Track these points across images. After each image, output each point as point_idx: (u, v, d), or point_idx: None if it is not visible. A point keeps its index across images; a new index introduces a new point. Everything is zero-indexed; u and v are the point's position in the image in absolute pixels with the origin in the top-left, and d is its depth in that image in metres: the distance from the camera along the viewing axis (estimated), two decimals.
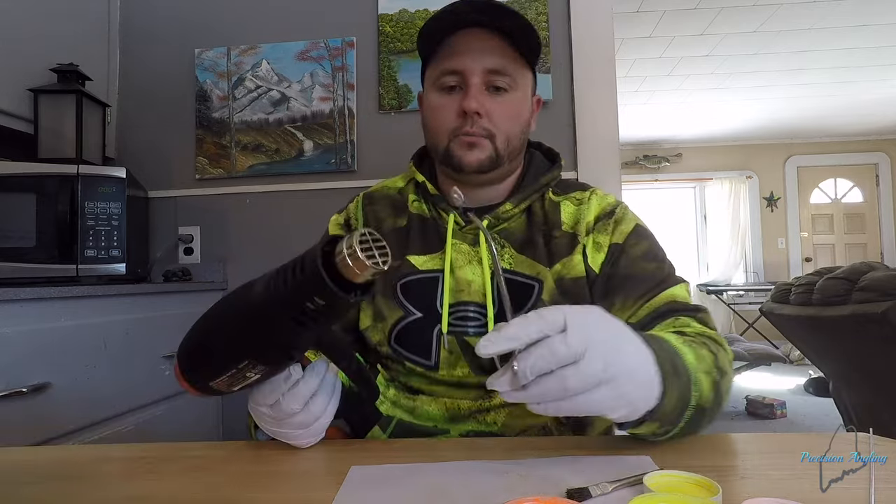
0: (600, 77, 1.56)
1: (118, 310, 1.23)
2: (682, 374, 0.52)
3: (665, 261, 0.75)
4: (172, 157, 1.71)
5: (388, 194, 0.85)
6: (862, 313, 1.66)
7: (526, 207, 0.78)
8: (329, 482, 0.49)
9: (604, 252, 0.75)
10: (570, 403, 0.44)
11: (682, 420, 0.53)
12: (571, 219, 0.77)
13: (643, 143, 6.09)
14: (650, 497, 0.38)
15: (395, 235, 0.80)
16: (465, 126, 0.73)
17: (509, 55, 0.74)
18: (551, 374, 0.43)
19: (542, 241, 0.76)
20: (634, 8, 3.19)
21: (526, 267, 0.74)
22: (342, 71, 1.65)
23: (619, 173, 1.54)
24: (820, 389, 3.64)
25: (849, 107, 5.04)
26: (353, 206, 0.86)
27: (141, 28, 1.74)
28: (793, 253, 5.96)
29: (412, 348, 0.74)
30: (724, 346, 0.64)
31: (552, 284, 0.73)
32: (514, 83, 0.75)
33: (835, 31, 3.51)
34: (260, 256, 1.66)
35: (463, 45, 0.74)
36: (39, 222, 1.24)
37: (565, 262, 0.74)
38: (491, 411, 0.72)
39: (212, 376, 0.51)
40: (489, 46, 0.73)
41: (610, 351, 0.44)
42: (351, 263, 0.44)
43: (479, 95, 0.73)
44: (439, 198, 0.79)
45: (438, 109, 0.76)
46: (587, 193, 0.80)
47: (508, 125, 0.75)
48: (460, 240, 0.77)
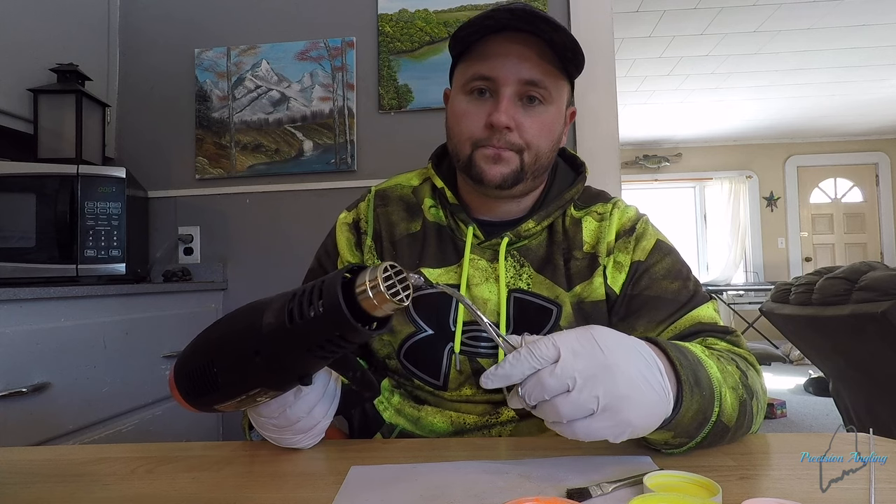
0: (600, 77, 1.56)
1: (118, 310, 1.23)
2: (705, 387, 0.50)
3: (689, 278, 0.71)
4: (172, 157, 1.71)
5: (402, 194, 0.80)
6: (862, 313, 1.66)
7: (548, 224, 0.74)
8: (329, 482, 0.49)
9: (625, 272, 0.71)
10: (570, 429, 0.45)
11: (700, 434, 0.51)
12: (593, 237, 0.73)
13: (643, 143, 6.09)
14: (650, 497, 0.38)
15: (409, 241, 0.76)
16: (493, 139, 0.68)
17: (548, 65, 0.68)
18: (548, 401, 0.44)
19: (563, 261, 0.72)
20: (634, 8, 3.18)
21: (544, 289, 0.71)
22: (342, 71, 1.65)
23: (619, 173, 1.54)
24: (820, 389, 3.64)
25: (849, 107, 5.04)
26: (364, 205, 0.81)
27: (141, 28, 1.74)
28: (793, 253, 5.96)
29: (421, 366, 0.72)
30: (756, 367, 0.62)
31: (570, 310, 0.70)
32: (549, 96, 0.69)
33: (835, 31, 3.51)
34: (260, 256, 1.66)
35: (499, 49, 0.67)
36: (39, 222, 1.24)
37: (585, 285, 0.71)
38: (496, 426, 0.71)
39: (217, 401, 0.50)
40: (527, 54, 0.67)
41: (603, 380, 0.44)
42: (373, 297, 0.42)
43: (511, 108, 0.67)
44: (458, 207, 0.75)
45: (465, 116, 0.70)
46: (609, 206, 0.76)
47: (539, 141, 0.69)
48: (478, 255, 0.73)
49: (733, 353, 0.63)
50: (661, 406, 0.46)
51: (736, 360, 0.60)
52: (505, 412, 0.71)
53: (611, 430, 0.45)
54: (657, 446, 0.53)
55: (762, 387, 0.61)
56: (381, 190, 0.82)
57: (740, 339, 0.67)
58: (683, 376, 0.49)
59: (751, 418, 0.56)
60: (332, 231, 0.82)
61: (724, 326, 0.67)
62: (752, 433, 0.59)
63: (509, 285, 0.71)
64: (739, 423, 0.54)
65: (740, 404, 0.54)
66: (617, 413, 0.44)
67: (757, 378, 0.60)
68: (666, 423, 0.48)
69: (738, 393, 0.55)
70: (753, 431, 0.59)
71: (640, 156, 6.12)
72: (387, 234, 0.77)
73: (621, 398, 0.44)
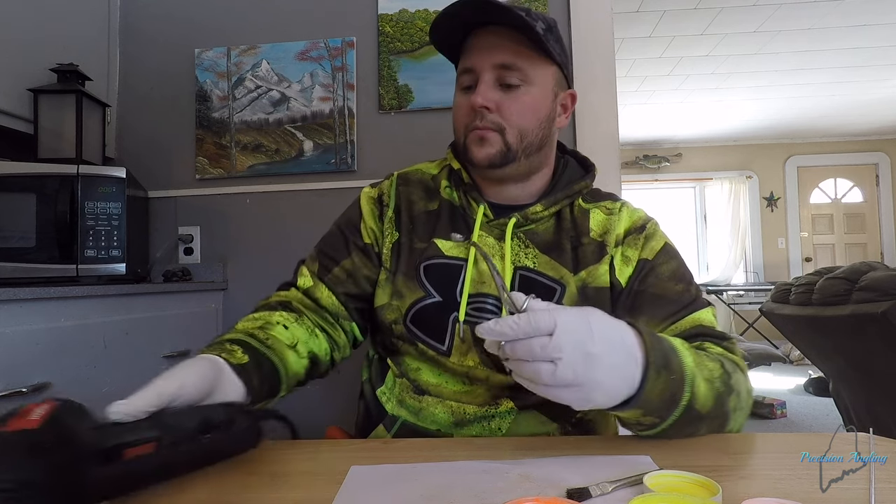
0: (600, 77, 1.56)
1: (118, 310, 1.23)
2: (675, 371, 0.55)
3: (692, 283, 0.75)
4: (172, 157, 1.71)
5: (423, 178, 0.86)
6: (862, 313, 1.66)
7: (556, 211, 0.79)
8: (329, 482, 0.49)
9: (632, 266, 0.75)
10: (539, 390, 0.50)
11: (671, 415, 0.55)
12: (601, 227, 0.77)
13: (643, 143, 6.09)
14: (650, 497, 0.38)
15: (426, 217, 0.81)
16: (476, 121, 0.74)
17: (522, 49, 0.74)
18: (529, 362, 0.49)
19: (570, 246, 0.76)
20: (634, 8, 3.19)
21: (549, 269, 0.74)
22: (342, 71, 1.65)
23: (619, 173, 1.54)
24: (820, 389, 3.64)
25: (849, 107, 5.04)
26: (388, 183, 0.86)
27: (141, 28, 1.74)
28: (793, 253, 5.96)
29: (427, 331, 0.75)
30: (744, 371, 0.65)
31: (574, 290, 0.73)
32: (526, 77, 0.74)
33: (835, 31, 3.51)
34: (260, 256, 1.66)
35: (478, 42, 0.76)
36: (39, 222, 1.24)
37: (591, 269, 0.74)
38: (496, 417, 0.72)
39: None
40: (500, 41, 0.74)
41: (585, 363, 0.49)
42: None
43: (488, 91, 0.73)
44: (471, 187, 0.80)
45: (457, 108, 0.78)
46: (618, 205, 0.80)
47: (520, 119, 0.75)
48: (487, 232, 0.77)
49: (725, 356, 0.65)
50: (625, 391, 0.52)
51: (724, 362, 0.63)
52: (504, 403, 0.73)
53: (576, 402, 0.50)
54: (631, 426, 0.59)
55: (747, 389, 0.64)
56: (404, 173, 0.88)
57: (735, 346, 0.70)
58: (651, 358, 0.53)
59: (728, 413, 0.60)
60: (356, 202, 0.87)
61: (722, 332, 0.71)
62: (734, 430, 0.62)
63: (515, 262, 0.75)
64: (715, 413, 0.59)
65: (716, 396, 0.58)
66: (586, 391, 0.50)
67: (743, 380, 0.63)
68: (633, 400, 0.53)
69: (715, 386, 0.59)
70: (735, 429, 0.63)
71: (640, 156, 6.12)
72: (406, 210, 0.82)
73: (594, 382, 0.49)
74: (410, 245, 0.79)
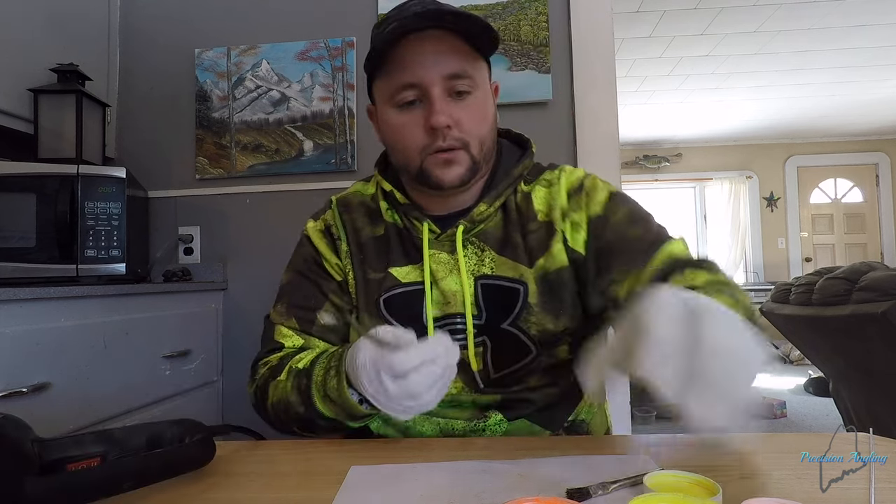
0: (600, 77, 1.56)
1: (118, 310, 1.23)
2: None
3: (651, 220, 0.72)
4: (172, 157, 1.71)
5: (363, 200, 0.80)
6: (862, 313, 1.66)
7: (501, 205, 0.74)
8: (329, 482, 0.49)
9: (583, 230, 0.72)
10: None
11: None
12: (545, 205, 0.74)
13: (643, 143, 6.09)
14: (650, 497, 0.38)
15: (375, 244, 0.77)
16: (437, 141, 0.67)
17: (465, 54, 0.68)
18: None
19: (520, 237, 0.73)
20: (634, 8, 3.19)
21: (508, 269, 0.72)
22: (342, 71, 1.65)
23: (619, 173, 1.54)
24: (820, 389, 3.63)
25: (849, 107, 5.04)
26: (330, 213, 0.81)
27: (141, 28, 1.74)
28: (793, 253, 5.96)
29: None
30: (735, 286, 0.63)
31: (535, 287, 0.71)
32: (474, 83, 0.69)
33: (835, 31, 3.51)
34: (260, 256, 1.66)
35: (413, 53, 0.66)
36: (39, 222, 1.24)
37: (546, 256, 0.72)
38: (486, 430, 0.71)
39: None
40: (441, 49, 0.66)
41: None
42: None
43: (445, 107, 0.66)
44: (410, 206, 0.74)
45: (402, 128, 0.69)
46: (556, 172, 0.76)
47: (479, 129, 0.69)
48: (438, 249, 0.73)
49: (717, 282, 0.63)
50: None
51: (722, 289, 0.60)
52: (493, 416, 0.72)
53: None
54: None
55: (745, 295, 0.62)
56: (343, 198, 0.82)
57: (715, 265, 0.66)
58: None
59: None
60: (306, 241, 0.81)
61: (699, 259, 0.67)
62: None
63: (473, 273, 0.72)
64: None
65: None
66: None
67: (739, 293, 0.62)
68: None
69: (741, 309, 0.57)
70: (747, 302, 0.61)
71: (640, 156, 6.12)
72: (353, 239, 0.78)
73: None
74: (364, 276, 0.75)
